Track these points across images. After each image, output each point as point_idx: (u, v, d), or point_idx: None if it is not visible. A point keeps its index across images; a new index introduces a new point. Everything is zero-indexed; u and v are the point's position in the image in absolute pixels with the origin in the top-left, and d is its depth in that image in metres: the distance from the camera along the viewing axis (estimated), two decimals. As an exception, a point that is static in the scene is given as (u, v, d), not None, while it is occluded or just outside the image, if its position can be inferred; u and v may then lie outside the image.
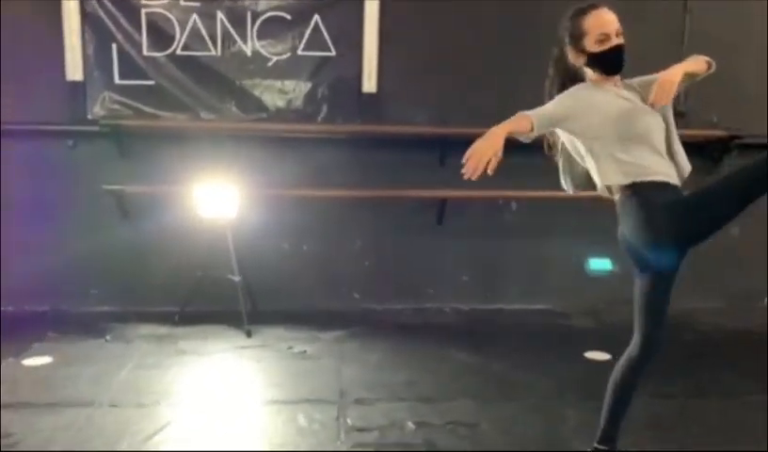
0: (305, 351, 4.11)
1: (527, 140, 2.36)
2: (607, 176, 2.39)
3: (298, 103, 4.73)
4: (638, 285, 2.45)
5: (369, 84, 4.73)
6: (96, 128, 4.56)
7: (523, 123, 2.26)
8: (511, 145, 5.04)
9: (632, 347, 2.51)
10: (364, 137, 4.77)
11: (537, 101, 4.73)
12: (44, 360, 3.87)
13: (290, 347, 4.16)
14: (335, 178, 4.76)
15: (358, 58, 4.70)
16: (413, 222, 4.92)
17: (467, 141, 4.93)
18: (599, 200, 4.92)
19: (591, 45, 2.40)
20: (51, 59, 4.54)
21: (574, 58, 2.46)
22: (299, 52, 4.67)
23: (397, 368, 3.87)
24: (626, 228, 2.39)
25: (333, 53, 4.68)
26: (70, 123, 4.59)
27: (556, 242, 4.99)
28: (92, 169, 4.61)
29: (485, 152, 2.15)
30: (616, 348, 4.16)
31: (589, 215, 4.82)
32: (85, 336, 4.27)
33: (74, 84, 4.59)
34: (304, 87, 4.72)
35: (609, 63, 2.42)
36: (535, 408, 3.44)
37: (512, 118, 2.27)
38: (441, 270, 4.99)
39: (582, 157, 2.46)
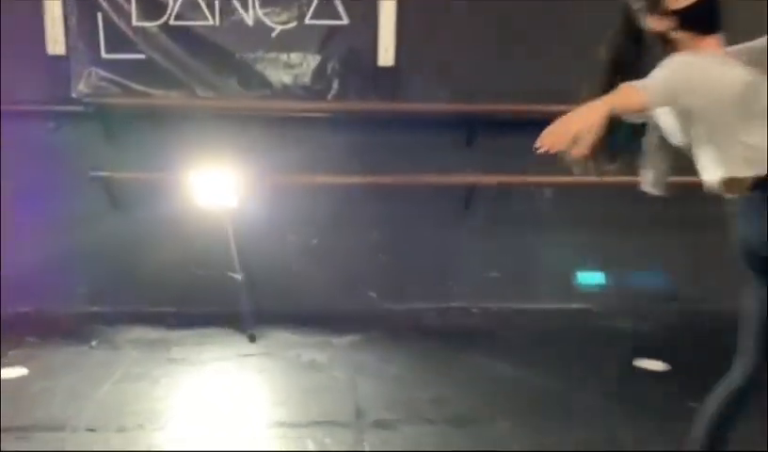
0: (315, 360, 3.61)
1: (638, 121, 1.86)
2: (736, 167, 1.86)
3: (306, 78, 4.23)
4: (756, 300, 1.92)
5: (386, 56, 4.21)
6: (81, 108, 4.09)
7: (633, 98, 1.76)
8: (544, 122, 4.39)
9: (737, 375, 1.98)
10: (381, 116, 4.27)
11: (581, 75, 4.09)
12: (19, 371, 3.41)
13: (298, 355, 3.66)
14: (348, 162, 4.26)
15: (373, 27, 4.17)
16: (436, 212, 4.41)
17: (496, 120, 4.29)
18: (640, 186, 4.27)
19: (675, 1, 1.87)
20: (29, 31, 4.05)
21: (658, 25, 1.93)
22: (307, 21, 4.15)
23: (422, 382, 3.37)
24: (752, 231, 1.86)
25: (345, 21, 4.16)
26: (51, 103, 4.11)
27: (595, 233, 4.47)
28: (77, 154, 4.13)
29: (574, 124, 1.65)
30: (669, 355, 3.72)
31: (632, 203, 4.33)
32: (68, 342, 3.80)
33: (56, 59, 4.09)
34: (312, 60, 4.21)
35: (705, 16, 1.90)
36: (584, 429, 2.94)
37: (613, 92, 1.75)
38: (468, 266, 4.48)
39: (695, 146, 1.93)
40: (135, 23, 4.09)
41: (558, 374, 3.48)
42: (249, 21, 4.13)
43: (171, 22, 4.09)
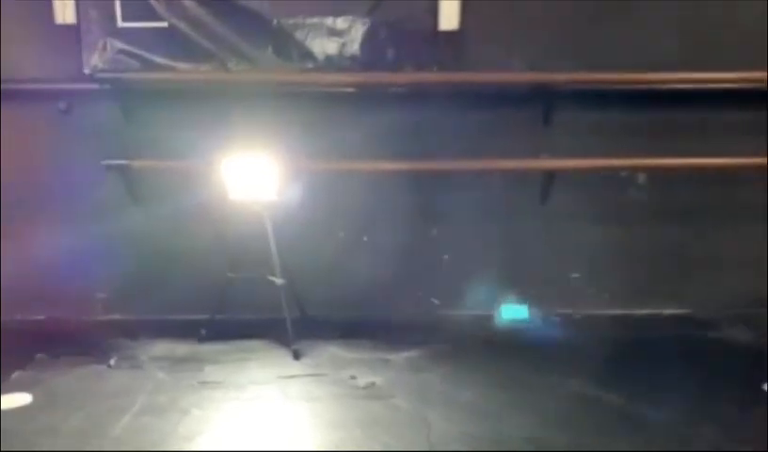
0: (373, 383, 2.99)
1: None
2: None
3: (354, 47, 3.64)
4: None
5: (449, 19, 3.60)
6: (95, 86, 3.59)
7: None
8: (637, 95, 3.61)
9: None
10: (442, 90, 3.66)
11: (681, 38, 3.41)
12: (21, 399, 2.87)
13: (352, 377, 3.05)
14: (404, 146, 3.66)
15: (433, -15, 3.57)
16: (508, 202, 3.78)
17: (579, 93, 3.76)
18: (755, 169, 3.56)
19: None
20: (35, -3, 3.54)
21: None
22: (355, -22, 3.58)
23: (505, 413, 2.73)
24: None
25: (401, -22, 3.55)
26: (60, 80, 3.61)
27: (695, 225, 3.82)
28: (91, 140, 3.64)
29: None
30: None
31: (741, 189, 3.65)
32: (82, 359, 3.26)
33: (66, 29, 3.59)
34: (361, 25, 3.63)
35: None
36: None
37: None
38: (545, 265, 3.84)
39: None
40: (155, -15, 3.55)
41: (672, 402, 2.81)
42: (289, -20, 3.55)
43: (198, -17, 3.54)
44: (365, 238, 3.79)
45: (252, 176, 3.33)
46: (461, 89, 3.66)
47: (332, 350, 3.36)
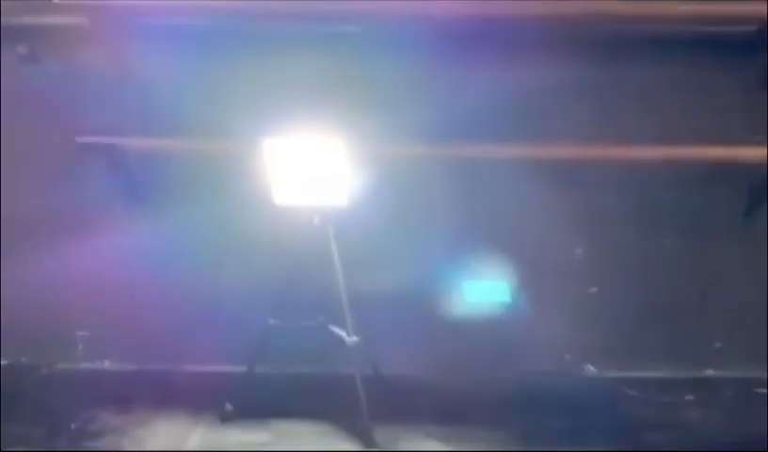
0: None
1: None
2: None
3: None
4: None
5: None
6: (69, 19, 2.42)
7: None
8: None
9: None
10: (606, 30, 2.41)
11: None
12: None
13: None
14: (540, 120, 2.48)
15: None
16: (694, 210, 2.56)
17: None
18: None
19: None
20: None
21: None
22: None
23: None
24: None
25: None
26: (19, 12, 2.42)
27: None
28: (65, 104, 2.49)
29: None
30: None
31: None
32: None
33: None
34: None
35: None
36: None
37: None
38: (747, 306, 2.61)
39: None
40: None
41: None
42: None
43: None
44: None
45: (309, 168, 2.16)
46: (634, 31, 2.40)
47: (429, 446, 2.16)
